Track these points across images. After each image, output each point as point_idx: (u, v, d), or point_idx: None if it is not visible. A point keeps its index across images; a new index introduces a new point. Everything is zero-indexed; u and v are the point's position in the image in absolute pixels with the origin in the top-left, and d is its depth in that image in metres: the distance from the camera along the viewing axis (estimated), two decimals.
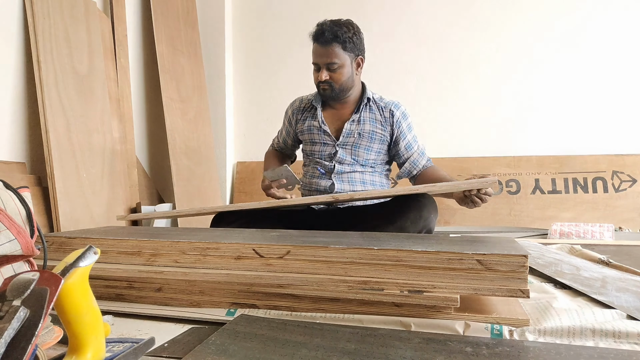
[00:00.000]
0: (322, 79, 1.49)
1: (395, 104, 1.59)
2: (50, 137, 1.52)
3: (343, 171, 1.56)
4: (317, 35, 1.48)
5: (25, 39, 1.56)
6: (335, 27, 1.46)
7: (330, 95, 1.54)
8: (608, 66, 2.44)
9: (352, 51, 1.50)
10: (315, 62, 1.51)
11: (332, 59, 1.47)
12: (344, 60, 1.49)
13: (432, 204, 1.41)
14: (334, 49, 1.46)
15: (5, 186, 0.69)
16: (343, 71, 1.49)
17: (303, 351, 0.64)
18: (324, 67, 1.48)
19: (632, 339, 0.68)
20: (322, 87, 1.52)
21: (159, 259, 0.92)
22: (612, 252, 1.37)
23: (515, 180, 2.46)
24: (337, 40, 1.46)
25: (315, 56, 1.51)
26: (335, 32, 1.45)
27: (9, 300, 0.50)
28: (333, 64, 1.47)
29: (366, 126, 1.57)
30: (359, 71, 1.56)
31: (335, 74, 1.49)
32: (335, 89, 1.52)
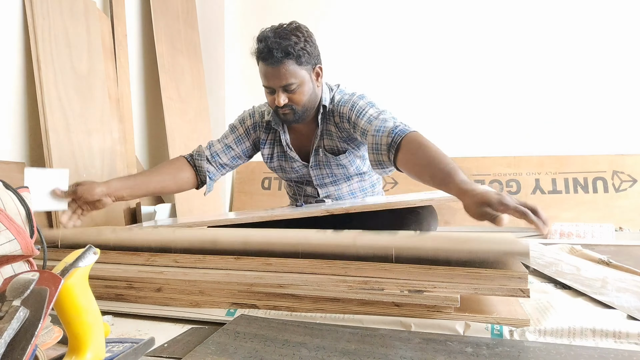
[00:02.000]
0: (281, 103, 1.25)
1: (342, 102, 1.35)
2: (50, 137, 1.52)
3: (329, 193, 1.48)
4: (264, 55, 1.23)
5: (25, 39, 1.56)
6: (283, 42, 1.21)
7: (293, 120, 1.32)
8: (608, 66, 2.44)
9: (309, 63, 1.28)
10: (267, 86, 1.27)
11: (289, 79, 1.23)
12: (302, 77, 1.26)
13: (432, 215, 1.37)
14: (288, 68, 1.22)
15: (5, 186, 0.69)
16: (304, 90, 1.27)
17: (303, 351, 0.64)
18: (280, 90, 1.25)
19: (633, 339, 0.68)
20: (282, 112, 1.29)
21: (159, 259, 0.92)
22: (612, 252, 1.37)
23: (515, 181, 2.46)
24: (289, 57, 1.22)
25: (265, 79, 1.27)
26: (286, 48, 1.21)
27: (9, 300, 0.50)
28: (290, 84, 1.24)
29: (326, 141, 1.39)
30: (320, 81, 1.35)
31: (295, 95, 1.26)
32: (298, 112, 1.30)
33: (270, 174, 2.73)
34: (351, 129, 1.32)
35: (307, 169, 1.46)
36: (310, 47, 1.28)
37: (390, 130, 1.17)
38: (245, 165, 2.84)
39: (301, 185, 1.55)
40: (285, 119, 1.33)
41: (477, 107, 2.58)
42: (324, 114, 1.37)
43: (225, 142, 1.52)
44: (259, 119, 1.50)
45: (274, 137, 1.48)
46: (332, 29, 2.75)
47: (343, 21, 2.75)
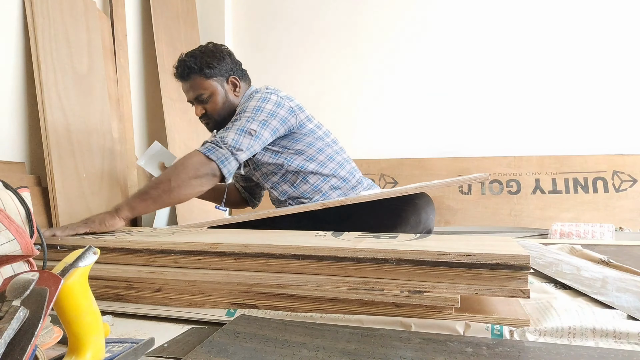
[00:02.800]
0: (198, 114, 1.43)
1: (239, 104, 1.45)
2: (50, 137, 1.52)
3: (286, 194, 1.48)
4: (178, 73, 1.43)
5: (25, 39, 1.56)
6: (188, 60, 1.40)
7: (213, 128, 1.46)
8: (608, 66, 2.44)
9: (218, 75, 1.42)
10: (188, 101, 1.46)
11: (198, 90, 1.40)
12: (212, 88, 1.41)
13: (428, 204, 1.38)
14: (195, 81, 1.40)
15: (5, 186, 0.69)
16: (216, 99, 1.41)
17: (303, 351, 0.64)
18: (196, 102, 1.42)
19: (633, 339, 0.68)
20: (204, 122, 1.46)
21: (159, 259, 0.92)
22: (612, 253, 1.37)
23: (515, 180, 2.46)
24: (193, 72, 1.39)
25: (185, 94, 1.45)
26: (188, 65, 1.39)
27: (9, 300, 0.50)
28: (200, 95, 1.40)
29: None
30: (239, 91, 1.46)
31: (208, 104, 1.42)
32: (215, 120, 1.43)
33: None
34: None
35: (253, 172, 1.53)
36: (217, 62, 1.41)
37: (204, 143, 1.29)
38: None
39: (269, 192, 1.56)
40: (208, 128, 1.47)
41: (477, 107, 2.58)
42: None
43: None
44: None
45: None
46: (332, 29, 2.75)
47: (342, 21, 2.75)
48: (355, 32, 2.74)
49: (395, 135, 2.66)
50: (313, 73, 2.74)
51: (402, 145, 2.65)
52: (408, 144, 2.65)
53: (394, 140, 2.66)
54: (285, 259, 0.84)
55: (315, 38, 2.76)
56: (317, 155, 1.45)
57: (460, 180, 1.23)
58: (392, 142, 2.66)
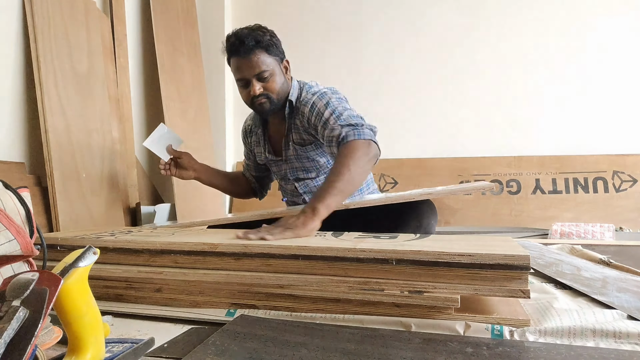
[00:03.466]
0: (257, 92, 1.31)
1: (305, 101, 1.38)
2: (50, 137, 1.52)
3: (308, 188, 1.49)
4: (236, 47, 1.30)
5: (25, 39, 1.56)
6: (252, 33, 1.30)
7: (269, 110, 1.36)
8: (608, 66, 2.44)
9: (276, 55, 1.35)
10: (242, 78, 1.33)
11: (261, 67, 1.30)
12: (273, 66, 1.33)
13: (431, 210, 1.37)
14: (260, 57, 1.29)
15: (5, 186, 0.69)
16: (276, 79, 1.34)
17: (303, 352, 0.64)
18: (254, 79, 1.31)
19: (633, 340, 0.68)
20: (259, 101, 1.34)
21: (159, 259, 0.92)
22: (612, 253, 1.37)
23: (515, 180, 2.46)
24: (259, 46, 1.29)
25: (239, 72, 1.33)
26: (255, 37, 1.28)
27: (9, 300, 0.50)
28: (263, 72, 1.30)
29: (294, 135, 1.42)
30: (288, 75, 1.41)
31: (268, 83, 1.32)
32: (273, 101, 1.35)
33: None
34: (310, 129, 1.38)
35: (283, 163, 1.50)
36: (276, 40, 1.35)
37: (336, 140, 1.26)
38: None
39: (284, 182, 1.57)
40: (261, 110, 1.37)
41: (478, 108, 2.58)
42: (290, 110, 1.42)
43: (245, 160, 1.71)
44: (246, 125, 1.63)
45: (256, 138, 1.57)
46: (331, 28, 2.75)
47: (342, 21, 2.75)
48: (355, 32, 2.74)
49: (395, 135, 2.66)
50: (313, 73, 2.73)
51: (402, 145, 2.65)
52: (408, 144, 2.65)
53: (394, 140, 2.66)
54: (285, 259, 0.84)
55: (314, 38, 2.76)
56: None
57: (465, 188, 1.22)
58: (392, 142, 2.66)
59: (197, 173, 1.53)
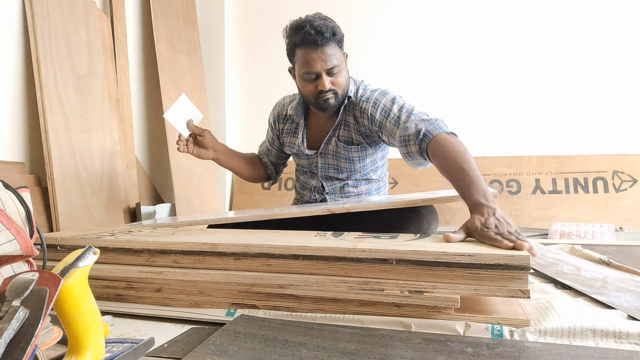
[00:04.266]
0: (326, 88, 1.24)
1: (365, 98, 1.32)
2: (50, 137, 1.52)
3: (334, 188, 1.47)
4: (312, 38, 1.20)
5: (25, 39, 1.56)
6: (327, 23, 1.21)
7: (334, 105, 1.30)
8: (608, 66, 2.44)
9: (343, 48, 1.29)
10: (312, 71, 1.24)
11: (334, 61, 1.22)
12: (341, 59, 1.27)
13: (432, 214, 1.37)
14: (333, 50, 1.22)
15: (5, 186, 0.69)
16: (343, 73, 1.28)
17: (303, 352, 0.64)
18: (324, 74, 1.23)
19: (633, 339, 0.68)
20: (325, 97, 1.26)
21: (159, 259, 0.92)
22: (612, 253, 1.37)
23: (515, 180, 2.46)
24: (335, 38, 1.22)
25: (309, 64, 1.23)
26: (333, 29, 1.21)
27: (9, 300, 0.50)
28: (334, 67, 1.23)
29: (342, 131, 1.37)
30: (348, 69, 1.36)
31: (337, 78, 1.25)
32: (339, 97, 1.28)
33: None
34: (373, 126, 1.31)
35: (316, 156, 1.46)
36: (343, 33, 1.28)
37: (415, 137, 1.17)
38: None
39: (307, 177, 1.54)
40: (327, 105, 1.29)
41: (478, 108, 2.58)
42: (346, 105, 1.36)
43: (265, 145, 1.65)
44: (280, 111, 1.54)
45: (290, 127, 1.51)
46: None
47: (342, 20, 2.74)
48: (355, 32, 2.74)
49: None
50: None
51: None
52: None
53: None
54: (286, 259, 0.84)
55: None
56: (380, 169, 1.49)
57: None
58: None
59: (217, 153, 1.45)
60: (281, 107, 1.54)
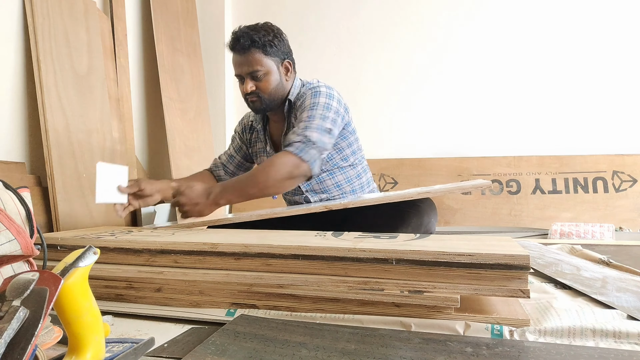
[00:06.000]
0: (248, 90, 1.35)
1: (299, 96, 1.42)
2: (50, 137, 1.52)
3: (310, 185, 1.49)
4: (234, 44, 1.35)
5: (25, 39, 1.56)
6: (251, 32, 1.34)
7: (260, 108, 1.40)
8: (608, 66, 2.44)
9: (276, 55, 1.37)
10: (238, 74, 1.38)
11: (254, 66, 1.34)
12: (269, 66, 1.36)
13: (431, 208, 1.38)
14: (254, 56, 1.33)
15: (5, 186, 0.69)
16: (270, 79, 1.36)
17: (303, 351, 0.64)
18: (248, 77, 1.35)
19: (633, 339, 0.68)
20: (250, 99, 1.38)
21: (159, 259, 0.92)
22: (612, 252, 1.37)
23: (515, 180, 2.46)
24: (255, 45, 1.33)
25: (235, 67, 1.38)
26: (252, 37, 1.32)
27: (9, 300, 0.50)
28: (256, 72, 1.34)
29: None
30: (290, 76, 1.43)
31: (261, 82, 1.36)
32: (264, 100, 1.38)
33: None
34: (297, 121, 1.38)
35: None
36: (277, 42, 1.37)
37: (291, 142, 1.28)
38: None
39: None
40: (253, 107, 1.41)
41: (478, 107, 2.58)
42: (289, 107, 1.44)
43: (228, 152, 1.66)
44: (246, 122, 1.61)
45: (257, 135, 1.57)
46: (331, 28, 2.75)
47: (342, 20, 2.75)
48: (355, 31, 2.74)
49: (395, 135, 2.67)
50: (312, 73, 2.74)
51: (402, 145, 2.65)
52: (408, 144, 2.65)
53: (394, 140, 2.66)
54: (285, 259, 0.84)
55: (314, 38, 2.76)
56: (350, 157, 1.49)
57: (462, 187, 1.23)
58: (392, 142, 2.66)
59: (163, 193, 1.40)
60: (247, 118, 1.61)
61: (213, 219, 1.32)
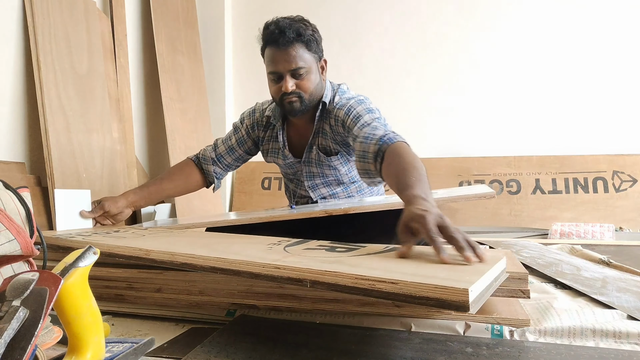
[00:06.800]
0: (289, 89, 1.22)
1: (340, 105, 1.30)
2: (50, 137, 1.52)
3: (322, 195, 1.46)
4: (275, 37, 1.21)
5: (25, 39, 1.56)
6: (295, 24, 1.21)
7: (299, 110, 1.27)
8: (608, 66, 2.44)
9: (316, 52, 1.26)
10: (275, 71, 1.24)
11: (298, 63, 1.21)
12: (310, 63, 1.24)
13: None
14: (298, 51, 1.21)
15: (5, 186, 0.69)
16: (311, 77, 1.25)
17: (303, 351, 0.64)
18: (288, 75, 1.22)
19: (633, 339, 0.68)
20: (289, 99, 1.25)
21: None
22: (612, 253, 1.37)
23: (515, 180, 2.46)
24: (300, 40, 1.21)
25: (273, 64, 1.24)
26: (298, 29, 1.20)
27: (9, 300, 0.50)
28: (299, 69, 1.22)
29: (320, 139, 1.35)
30: (324, 76, 1.32)
31: (303, 81, 1.24)
32: (305, 101, 1.26)
33: (271, 173, 2.73)
34: (345, 133, 1.29)
35: (300, 165, 1.43)
36: (317, 37, 1.27)
37: (379, 138, 1.09)
38: (246, 165, 2.83)
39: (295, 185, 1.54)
40: (291, 108, 1.27)
41: (478, 107, 2.58)
42: (322, 112, 1.34)
43: (229, 143, 1.53)
44: (259, 117, 1.48)
45: (272, 133, 1.47)
46: (332, 29, 2.75)
47: (342, 22, 2.75)
48: (355, 32, 2.74)
49: None
50: None
51: None
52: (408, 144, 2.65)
53: None
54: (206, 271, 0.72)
55: None
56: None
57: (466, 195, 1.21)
58: None
59: (130, 205, 1.35)
60: (260, 113, 1.48)
61: (213, 220, 1.32)
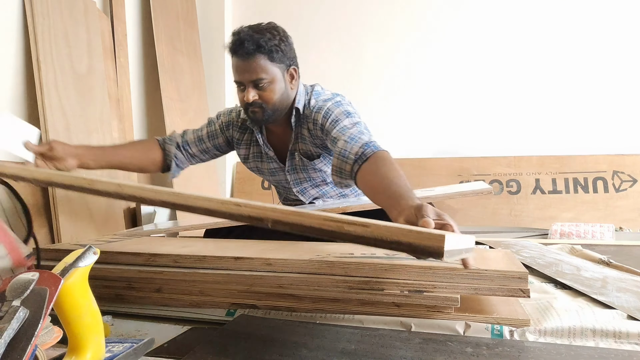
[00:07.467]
0: (250, 99, 1.22)
1: (317, 109, 1.29)
2: (50, 137, 1.52)
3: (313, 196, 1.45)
4: (236, 47, 1.20)
5: (25, 39, 1.56)
6: (256, 35, 1.19)
7: (261, 119, 1.28)
8: (608, 66, 2.44)
9: (282, 62, 1.24)
10: (238, 80, 1.24)
11: (259, 74, 1.20)
12: (274, 74, 1.23)
13: None
14: (259, 62, 1.20)
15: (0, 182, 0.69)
16: (274, 88, 1.23)
17: (303, 351, 0.64)
18: (250, 86, 1.22)
19: (633, 339, 0.68)
20: (252, 109, 1.25)
21: (159, 259, 0.92)
22: (612, 253, 1.37)
23: (515, 180, 2.46)
24: (261, 51, 1.19)
25: (236, 73, 1.24)
26: (258, 41, 1.18)
27: (9, 300, 0.50)
28: (260, 80, 1.21)
29: (300, 145, 1.35)
30: (294, 84, 1.31)
31: (264, 92, 1.23)
32: (267, 111, 1.25)
33: None
34: (324, 136, 1.28)
35: (284, 173, 1.42)
36: (284, 46, 1.24)
37: (365, 143, 1.11)
38: None
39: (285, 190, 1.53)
40: (254, 118, 1.29)
41: (478, 107, 2.58)
42: (297, 118, 1.34)
43: (199, 134, 1.51)
44: (235, 117, 1.46)
45: (250, 137, 1.45)
46: (332, 29, 2.75)
47: (343, 21, 2.74)
48: (355, 32, 2.74)
49: (395, 135, 2.66)
50: (312, 73, 2.73)
51: (402, 145, 2.65)
52: (408, 144, 2.65)
53: (394, 140, 2.66)
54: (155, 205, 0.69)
55: (315, 38, 2.75)
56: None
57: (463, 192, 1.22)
58: (392, 142, 2.65)
59: (79, 158, 1.28)
60: (237, 114, 1.46)
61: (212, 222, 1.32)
